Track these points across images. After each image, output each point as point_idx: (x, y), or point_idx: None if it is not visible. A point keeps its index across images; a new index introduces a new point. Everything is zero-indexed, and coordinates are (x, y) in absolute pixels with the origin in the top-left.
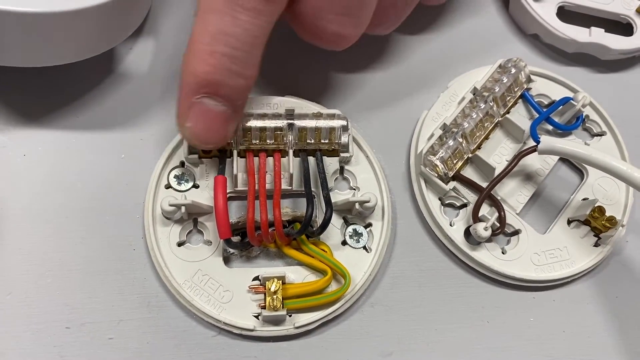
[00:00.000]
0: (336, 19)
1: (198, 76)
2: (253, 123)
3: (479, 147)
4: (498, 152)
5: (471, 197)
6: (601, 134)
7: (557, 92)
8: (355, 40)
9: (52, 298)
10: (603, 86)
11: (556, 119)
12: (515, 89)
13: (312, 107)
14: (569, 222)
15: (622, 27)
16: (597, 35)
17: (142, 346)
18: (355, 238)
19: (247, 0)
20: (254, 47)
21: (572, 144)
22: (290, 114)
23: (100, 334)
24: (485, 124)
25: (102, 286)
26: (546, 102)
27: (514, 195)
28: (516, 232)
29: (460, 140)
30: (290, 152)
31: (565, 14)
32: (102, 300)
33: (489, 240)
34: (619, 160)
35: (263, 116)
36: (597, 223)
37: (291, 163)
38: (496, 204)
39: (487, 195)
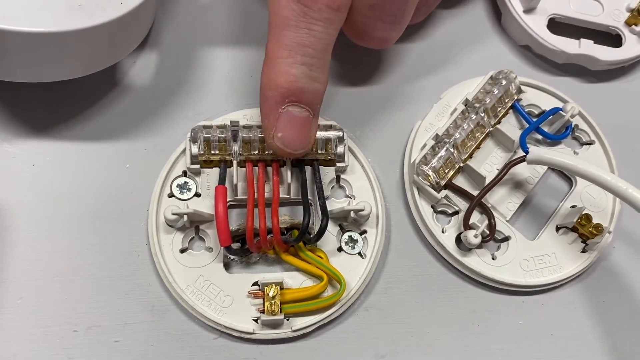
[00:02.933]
0: (384, 27)
1: (282, 87)
2: (252, 134)
3: (470, 157)
4: (489, 161)
5: (463, 204)
6: (590, 143)
7: (547, 102)
8: (397, 39)
9: (61, 302)
10: (592, 96)
11: (546, 129)
12: (506, 100)
13: None
14: (558, 229)
15: (611, 38)
16: (586, 47)
17: (146, 348)
18: (350, 244)
19: (319, 12)
20: (327, 53)
21: (560, 155)
22: None
23: (107, 337)
24: (476, 134)
25: (108, 291)
26: (537, 112)
27: (504, 202)
28: (506, 239)
29: (452, 150)
30: (288, 162)
31: (556, 25)
32: (108, 304)
33: (479, 246)
34: (604, 170)
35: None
36: (584, 230)
37: (289, 173)
38: (486, 212)
39: (477, 203)
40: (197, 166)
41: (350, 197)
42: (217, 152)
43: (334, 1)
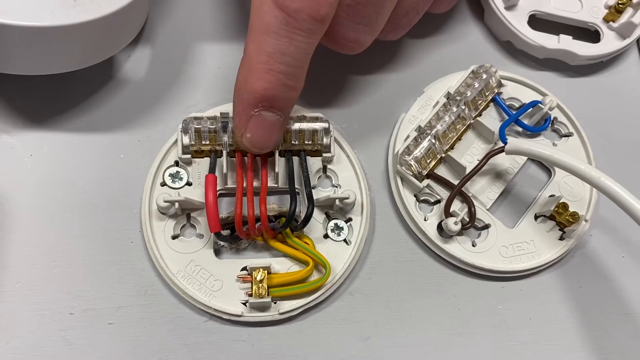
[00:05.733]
0: (354, 27)
1: (257, 92)
2: None
3: (451, 148)
4: (470, 152)
5: (444, 193)
6: (568, 135)
7: (527, 96)
8: (368, 45)
9: (57, 287)
10: (571, 90)
11: (526, 121)
12: (487, 94)
13: (296, 110)
14: (536, 217)
15: (589, 34)
16: (565, 43)
17: (139, 330)
18: (336, 232)
19: (302, 22)
20: (305, 62)
21: (536, 145)
22: None
23: (101, 319)
24: (458, 126)
25: (103, 276)
26: (517, 105)
27: (484, 192)
28: (486, 227)
29: (434, 141)
30: (276, 152)
31: (536, 21)
32: (103, 288)
33: (460, 233)
34: (579, 160)
35: None
36: (561, 218)
37: (277, 162)
38: (467, 200)
39: (457, 192)
40: (189, 156)
41: (336, 187)
42: (207, 142)
43: (318, 12)
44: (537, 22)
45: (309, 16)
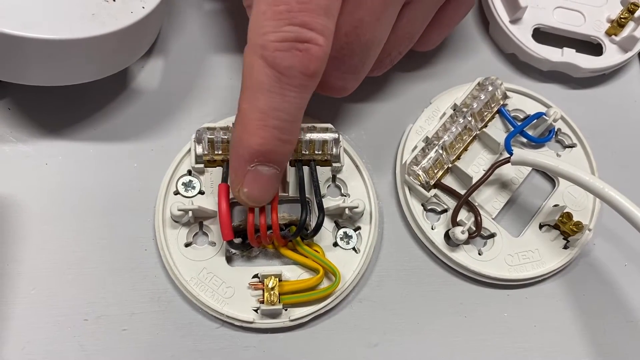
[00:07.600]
0: (342, 77)
1: (252, 148)
2: None
3: (458, 158)
4: (476, 162)
5: (451, 203)
6: (572, 146)
7: (532, 107)
8: (355, 89)
9: (72, 293)
10: (574, 101)
11: (530, 132)
12: (492, 105)
13: (307, 121)
14: (541, 226)
15: (592, 47)
16: (568, 55)
17: (152, 337)
18: (345, 240)
19: (294, 78)
20: (299, 117)
21: (542, 157)
22: None
23: (115, 326)
24: (464, 137)
25: (117, 282)
26: (522, 117)
27: (490, 201)
28: (492, 235)
29: (441, 151)
30: (287, 162)
31: (540, 35)
32: (117, 295)
33: (466, 242)
34: (583, 171)
35: None
36: (565, 227)
37: (288, 172)
38: (473, 210)
39: (464, 202)
40: (202, 165)
41: (345, 196)
42: (220, 152)
43: (308, 68)
44: (541, 35)
45: (300, 72)
